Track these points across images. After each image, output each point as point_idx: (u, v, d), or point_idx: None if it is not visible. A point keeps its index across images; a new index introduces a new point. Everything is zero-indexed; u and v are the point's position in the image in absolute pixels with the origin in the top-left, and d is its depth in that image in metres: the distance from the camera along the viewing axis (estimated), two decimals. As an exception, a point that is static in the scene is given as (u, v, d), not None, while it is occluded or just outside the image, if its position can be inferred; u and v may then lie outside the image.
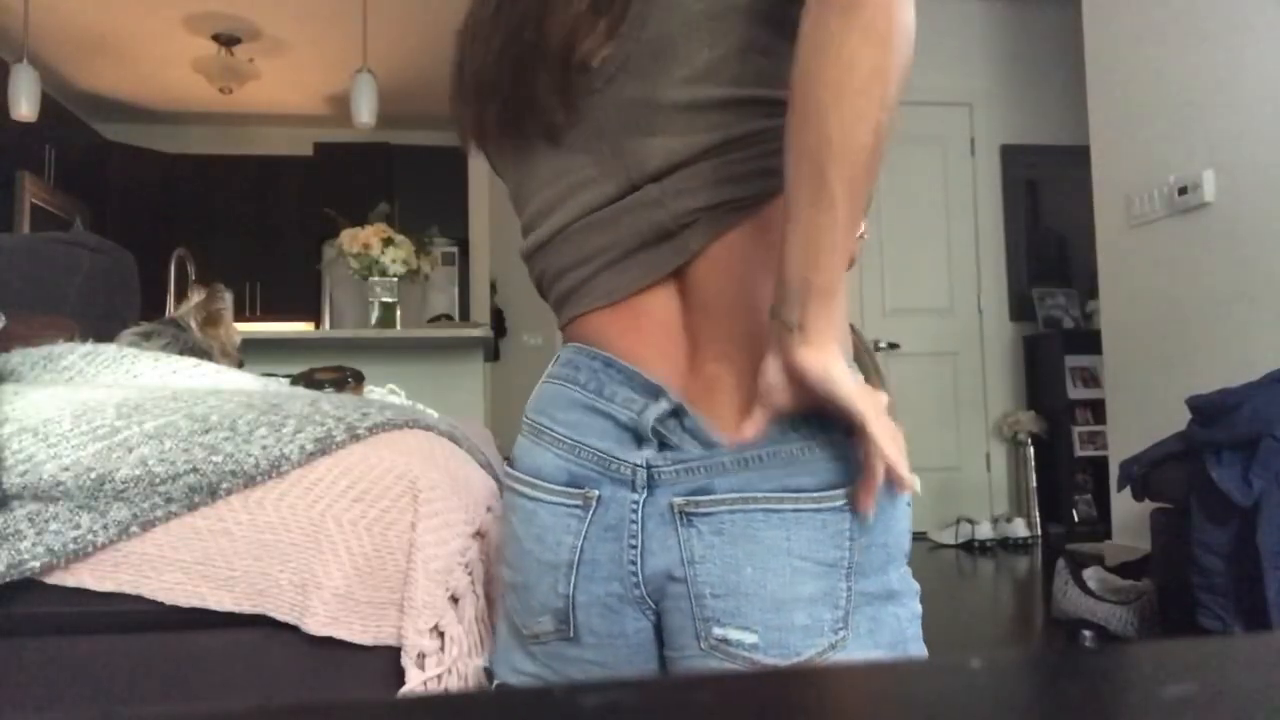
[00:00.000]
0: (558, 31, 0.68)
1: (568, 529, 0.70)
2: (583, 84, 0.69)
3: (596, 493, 0.69)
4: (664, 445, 0.68)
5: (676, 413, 0.68)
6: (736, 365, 0.68)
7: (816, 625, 0.65)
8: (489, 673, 0.82)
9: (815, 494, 0.65)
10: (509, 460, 0.77)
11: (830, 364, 0.62)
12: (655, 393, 0.69)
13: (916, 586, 0.70)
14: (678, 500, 0.67)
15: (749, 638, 0.65)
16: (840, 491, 0.65)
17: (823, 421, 0.66)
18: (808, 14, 0.59)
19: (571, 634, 0.71)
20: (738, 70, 0.67)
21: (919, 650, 0.70)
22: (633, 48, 0.68)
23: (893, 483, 0.65)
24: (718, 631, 0.66)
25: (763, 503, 0.65)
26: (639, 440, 0.69)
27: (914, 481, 0.64)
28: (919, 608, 0.70)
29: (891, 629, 0.67)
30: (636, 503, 0.68)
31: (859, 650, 0.65)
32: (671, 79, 0.67)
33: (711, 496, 0.66)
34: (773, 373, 0.64)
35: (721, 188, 0.68)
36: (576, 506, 0.70)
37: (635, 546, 0.68)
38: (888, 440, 0.62)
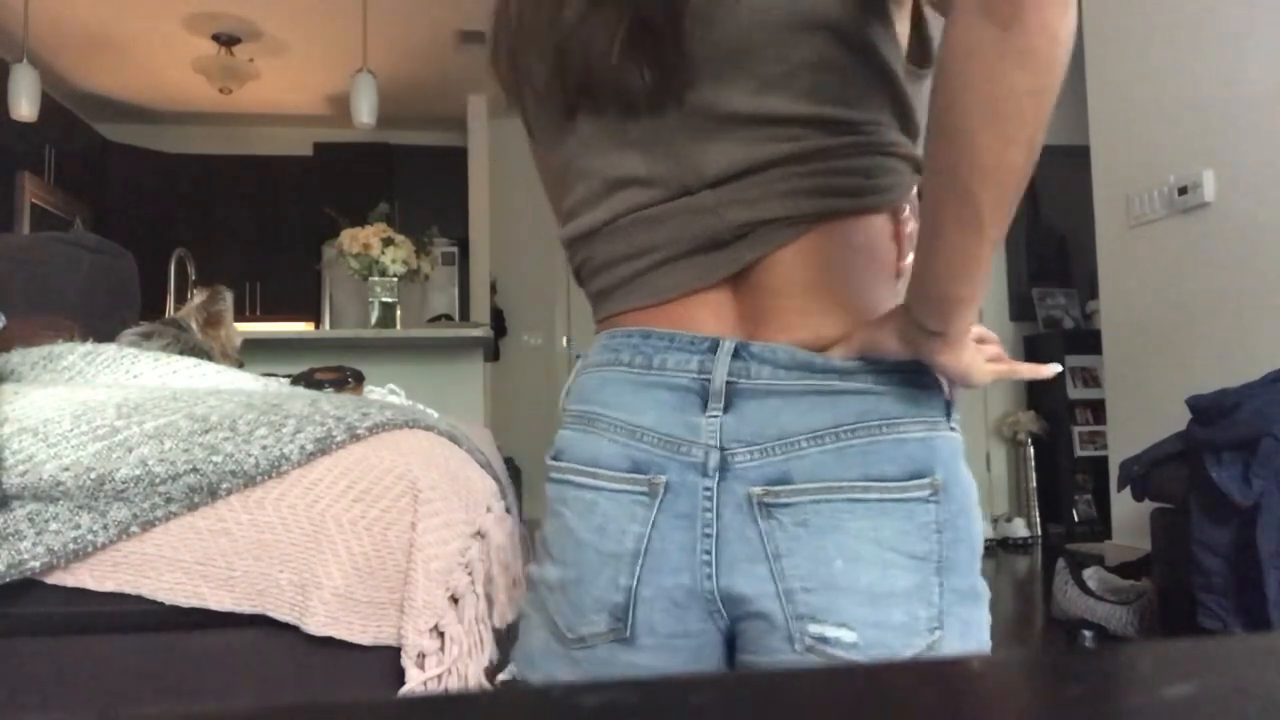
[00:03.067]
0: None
1: (633, 517, 0.66)
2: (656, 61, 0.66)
3: (664, 478, 0.65)
4: (731, 404, 0.65)
5: (740, 350, 0.65)
6: (800, 332, 0.66)
7: (913, 623, 0.62)
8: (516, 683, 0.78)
9: (899, 483, 0.63)
10: (553, 454, 0.73)
11: (968, 363, 0.63)
12: (709, 344, 0.66)
13: (989, 593, 0.68)
14: (756, 490, 0.63)
15: (848, 636, 0.61)
16: (925, 481, 0.63)
17: (909, 401, 0.65)
18: (957, 22, 0.53)
19: (628, 633, 0.66)
20: (808, 87, 0.65)
21: None
22: (697, 49, 0.65)
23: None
24: (814, 629, 0.62)
25: (847, 492, 0.62)
26: (703, 402, 0.65)
27: (1050, 369, 0.70)
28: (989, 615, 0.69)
29: (978, 634, 0.65)
30: (710, 490, 0.64)
31: (954, 653, 0.63)
32: (739, 88, 0.65)
33: (791, 486, 0.63)
34: (889, 345, 0.63)
35: (779, 202, 0.66)
36: (642, 493, 0.66)
37: (710, 536, 0.64)
38: (1009, 374, 0.69)
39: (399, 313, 3.53)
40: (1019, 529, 4.46)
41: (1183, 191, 3.15)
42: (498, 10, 0.78)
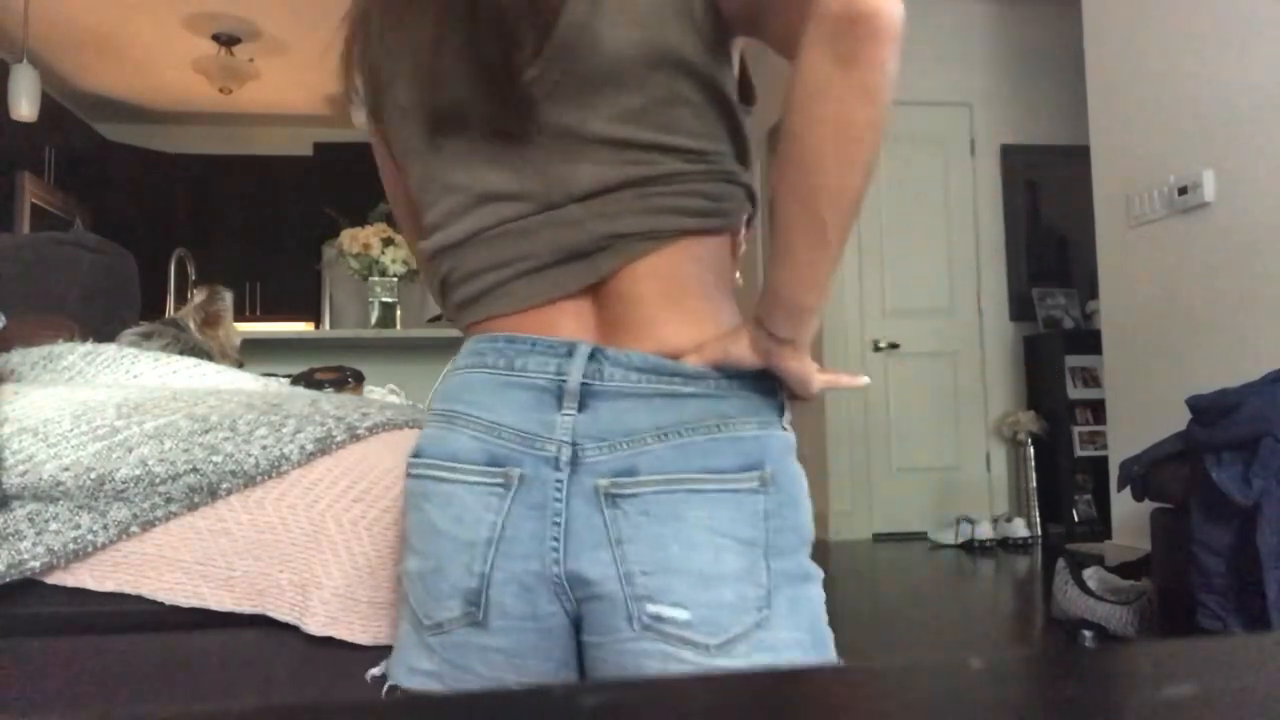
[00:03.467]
0: (493, 27, 0.71)
1: (488, 507, 0.70)
2: (515, 95, 0.72)
3: (519, 471, 0.70)
4: (585, 404, 0.70)
5: (596, 354, 0.71)
6: (651, 341, 0.72)
7: (742, 602, 0.68)
8: (381, 680, 0.79)
9: (733, 474, 0.69)
10: (414, 452, 0.77)
11: (809, 368, 0.71)
12: (567, 349, 0.72)
13: (821, 573, 0.75)
14: (603, 482, 0.69)
15: (681, 614, 0.67)
16: (755, 474, 0.70)
17: (746, 403, 0.72)
18: (804, 62, 0.62)
19: (480, 617, 0.71)
20: (664, 118, 0.72)
21: (829, 631, 0.74)
22: (560, 77, 0.71)
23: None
24: (651, 609, 0.67)
25: (687, 483, 0.68)
26: (559, 402, 0.70)
27: (861, 380, 0.77)
28: (823, 593, 0.75)
29: (809, 610, 0.71)
30: (561, 481, 0.69)
31: (783, 629, 0.69)
32: (600, 115, 0.71)
33: (637, 478, 0.68)
34: (742, 355, 0.70)
35: (640, 218, 0.72)
36: (498, 485, 0.70)
37: (559, 524, 0.69)
38: (833, 384, 0.74)
39: (399, 313, 3.52)
40: (1019, 529, 4.46)
41: (1183, 191, 3.15)
42: (355, 21, 0.83)
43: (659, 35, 0.70)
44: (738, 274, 0.81)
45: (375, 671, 0.85)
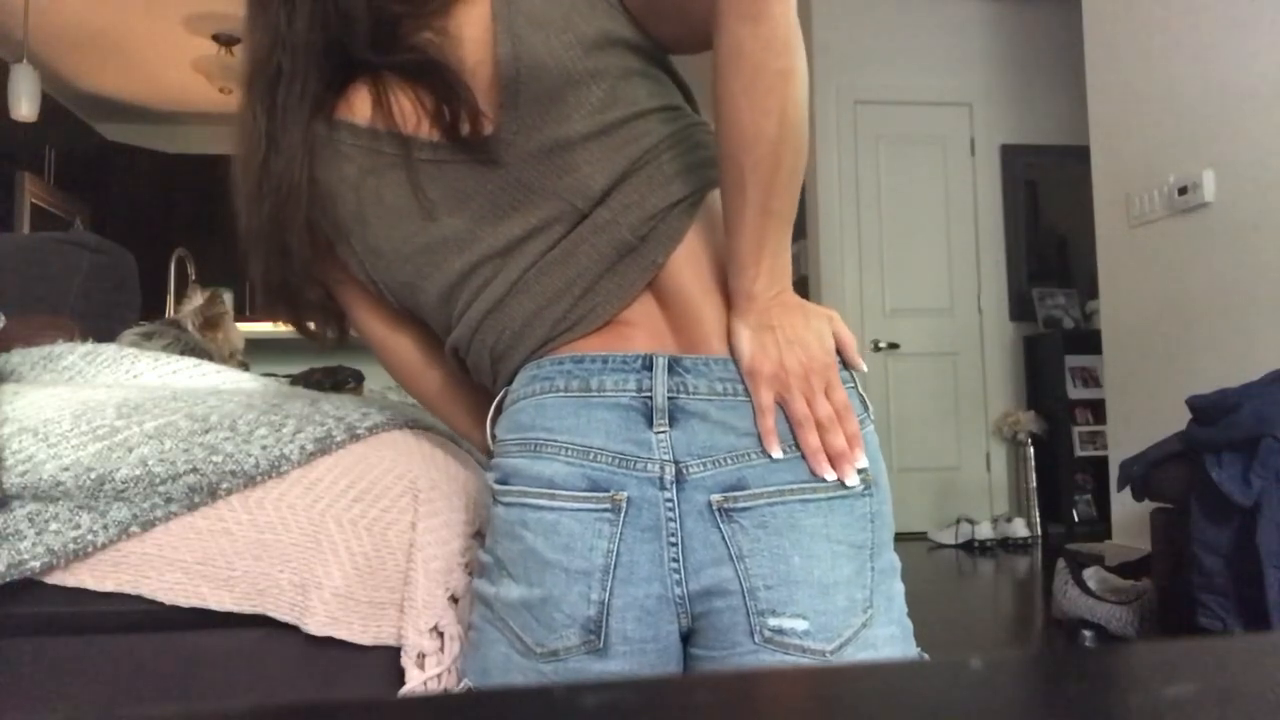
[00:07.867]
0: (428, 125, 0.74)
1: (599, 534, 0.68)
2: (487, 152, 0.73)
3: (625, 494, 0.68)
4: (675, 419, 0.69)
5: (674, 366, 0.70)
6: (721, 340, 0.72)
7: (852, 605, 0.68)
8: None
9: (840, 480, 0.69)
10: (499, 479, 0.74)
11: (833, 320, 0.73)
12: (643, 362, 0.70)
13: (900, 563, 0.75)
14: (716, 498, 0.68)
15: (800, 625, 0.67)
16: (859, 476, 0.69)
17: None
18: (722, 29, 0.65)
19: (600, 644, 0.69)
20: (631, 93, 0.73)
21: (909, 622, 0.74)
22: (523, 114, 0.72)
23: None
24: (773, 623, 0.67)
25: (799, 493, 0.68)
26: (648, 420, 0.69)
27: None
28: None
29: (898, 604, 0.72)
30: (671, 501, 0.68)
31: (881, 627, 0.69)
32: (575, 115, 0.72)
33: (748, 491, 0.68)
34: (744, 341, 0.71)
35: (664, 190, 0.72)
36: (605, 510, 0.68)
37: (675, 545, 0.68)
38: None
39: (399, 313, 3.52)
40: (1019, 529, 4.45)
41: (1183, 191, 3.15)
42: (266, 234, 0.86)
43: (588, 26, 0.71)
44: None
45: (459, 690, 0.83)
